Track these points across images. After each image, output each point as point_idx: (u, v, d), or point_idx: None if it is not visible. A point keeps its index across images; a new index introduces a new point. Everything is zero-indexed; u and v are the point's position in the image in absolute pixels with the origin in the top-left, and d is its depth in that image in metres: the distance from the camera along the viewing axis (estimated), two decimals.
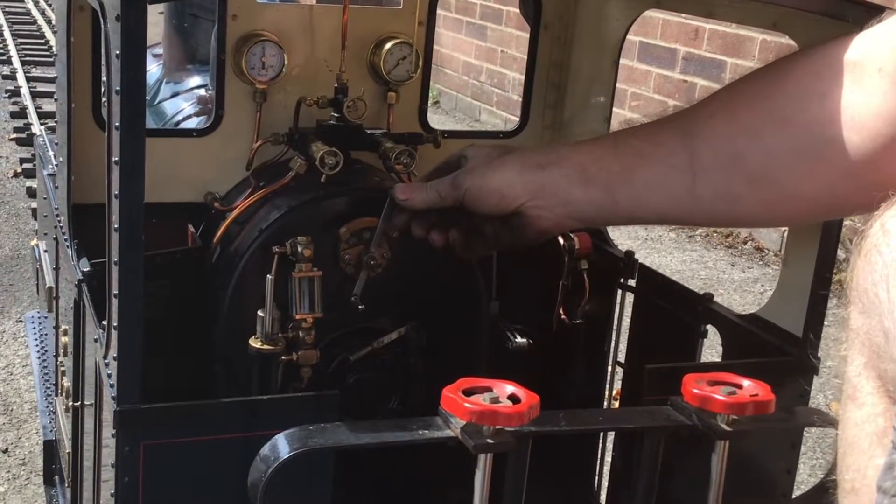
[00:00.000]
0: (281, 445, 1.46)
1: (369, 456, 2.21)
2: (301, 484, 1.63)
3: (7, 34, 12.23)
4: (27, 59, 10.93)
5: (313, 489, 1.68)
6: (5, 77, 10.41)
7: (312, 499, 1.68)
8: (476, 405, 1.44)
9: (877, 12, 1.79)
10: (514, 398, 1.48)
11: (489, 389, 1.49)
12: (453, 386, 1.48)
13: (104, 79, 2.25)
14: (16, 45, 11.59)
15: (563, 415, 1.62)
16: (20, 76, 10.19)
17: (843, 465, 1.10)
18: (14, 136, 8.43)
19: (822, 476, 4.08)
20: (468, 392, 1.48)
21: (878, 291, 1.02)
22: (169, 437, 1.61)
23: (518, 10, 2.80)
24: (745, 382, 1.60)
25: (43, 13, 13.75)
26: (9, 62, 11.02)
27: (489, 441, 1.44)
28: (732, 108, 1.67)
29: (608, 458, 2.54)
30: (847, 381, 1.11)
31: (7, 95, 9.70)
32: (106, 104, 1.63)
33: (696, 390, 1.58)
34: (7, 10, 13.73)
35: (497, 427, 1.45)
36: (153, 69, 3.61)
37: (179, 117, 3.05)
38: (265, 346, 2.00)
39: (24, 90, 9.58)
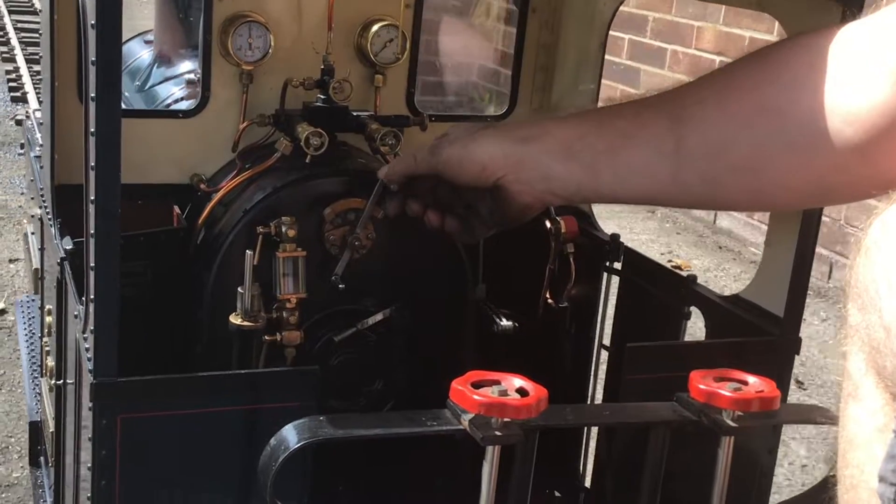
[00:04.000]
0: (290, 436, 1.47)
1: (358, 445, 2.22)
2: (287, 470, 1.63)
3: (23, 67, 9.64)
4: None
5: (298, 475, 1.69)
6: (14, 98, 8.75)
7: (297, 484, 1.69)
8: (485, 397, 1.45)
9: None
10: (522, 391, 1.49)
11: (497, 382, 1.49)
12: (462, 378, 1.48)
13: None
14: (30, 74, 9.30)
15: (570, 409, 1.64)
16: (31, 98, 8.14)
17: (843, 462, 1.09)
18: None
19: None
20: (477, 385, 1.48)
21: (878, 287, 1.02)
22: (146, 410, 1.62)
23: (691, 51, 2.74)
24: (751, 379, 1.60)
25: None
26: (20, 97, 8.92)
27: (497, 433, 1.45)
28: (723, 95, 1.65)
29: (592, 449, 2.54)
30: (847, 378, 1.10)
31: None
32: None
33: (702, 386, 1.58)
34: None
35: (505, 420, 1.45)
36: (144, 55, 3.61)
37: (169, 101, 3.05)
38: (245, 323, 2.00)
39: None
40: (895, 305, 1.00)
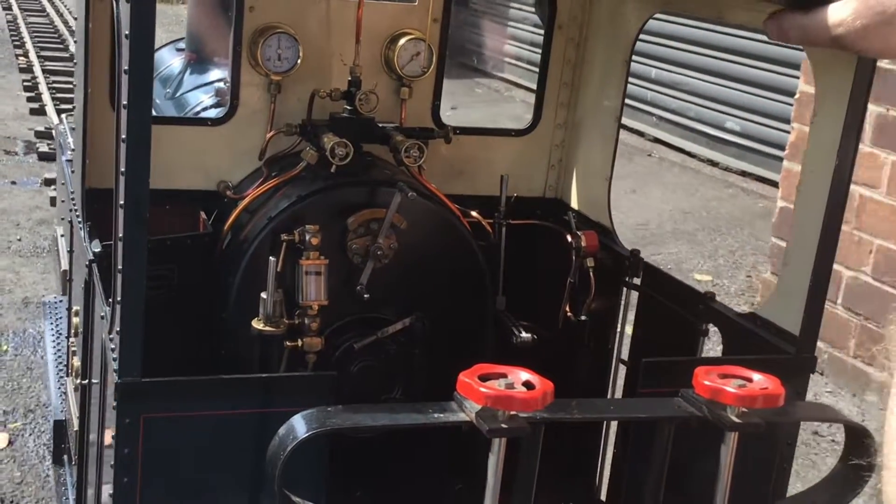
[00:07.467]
0: (298, 425, 1.48)
1: (366, 440, 2.25)
2: (303, 463, 1.66)
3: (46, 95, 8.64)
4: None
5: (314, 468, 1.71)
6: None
7: (312, 477, 1.71)
8: (492, 390, 1.45)
9: None
10: (528, 385, 1.49)
11: (504, 375, 1.50)
12: (469, 371, 1.49)
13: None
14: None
15: (576, 403, 1.65)
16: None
17: (892, 450, 1.13)
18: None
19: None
20: (484, 378, 1.49)
21: None
22: (168, 410, 1.65)
23: None
24: (756, 376, 1.60)
25: None
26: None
27: (504, 426, 1.46)
28: None
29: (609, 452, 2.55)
30: None
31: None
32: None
33: (707, 382, 1.59)
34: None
35: (511, 412, 1.46)
36: (175, 63, 3.66)
37: (198, 108, 3.09)
38: (267, 328, 2.04)
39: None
40: None
